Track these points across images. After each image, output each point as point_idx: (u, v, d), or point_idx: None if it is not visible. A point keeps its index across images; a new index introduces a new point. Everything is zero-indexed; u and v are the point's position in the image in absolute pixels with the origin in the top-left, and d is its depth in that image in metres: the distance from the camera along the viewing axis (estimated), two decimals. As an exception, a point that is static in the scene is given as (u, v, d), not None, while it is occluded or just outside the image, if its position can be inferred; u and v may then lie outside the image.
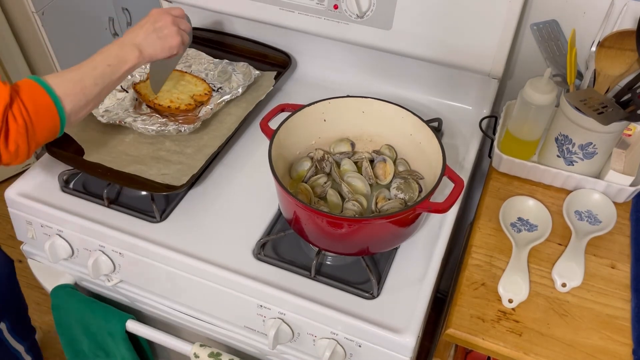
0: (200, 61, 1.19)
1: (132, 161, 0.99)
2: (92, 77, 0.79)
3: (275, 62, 1.22)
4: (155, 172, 0.96)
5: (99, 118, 1.04)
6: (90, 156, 1.00)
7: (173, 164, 0.98)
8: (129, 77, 1.13)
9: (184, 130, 1.01)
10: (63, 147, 1.01)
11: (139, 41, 0.87)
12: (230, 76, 1.15)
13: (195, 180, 1.01)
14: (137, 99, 1.10)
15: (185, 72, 1.14)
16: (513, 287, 0.86)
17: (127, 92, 1.10)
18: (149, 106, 1.07)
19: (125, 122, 1.03)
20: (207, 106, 1.07)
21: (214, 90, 1.13)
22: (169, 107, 1.06)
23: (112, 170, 0.96)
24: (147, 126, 1.02)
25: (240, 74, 1.15)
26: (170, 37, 0.90)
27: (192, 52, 1.21)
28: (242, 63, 1.17)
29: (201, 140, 1.03)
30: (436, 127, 1.10)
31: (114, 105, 1.08)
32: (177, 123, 1.04)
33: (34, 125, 0.71)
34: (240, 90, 1.10)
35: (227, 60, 1.19)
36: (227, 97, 1.09)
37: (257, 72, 1.15)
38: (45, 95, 0.73)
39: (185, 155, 1.00)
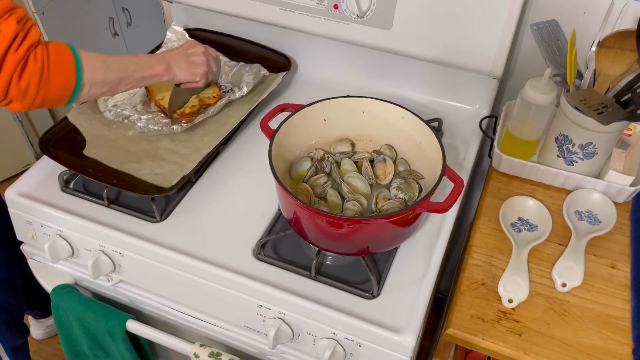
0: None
1: (129, 159, 0.99)
2: (116, 64, 0.85)
3: (275, 65, 1.21)
4: (149, 172, 0.96)
5: (106, 113, 1.05)
6: (90, 151, 1.00)
7: (167, 164, 0.98)
8: None
9: (176, 128, 1.02)
10: (60, 148, 1.01)
11: (169, 58, 0.94)
12: (242, 77, 1.16)
13: (195, 179, 1.01)
14: (147, 96, 1.10)
15: None
16: (513, 287, 0.86)
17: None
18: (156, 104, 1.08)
19: (129, 120, 1.04)
20: (213, 107, 1.07)
21: (224, 92, 1.13)
22: (174, 113, 1.06)
23: (107, 173, 0.96)
24: (149, 125, 1.02)
25: (252, 74, 1.15)
26: (198, 65, 0.98)
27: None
28: (255, 65, 1.17)
29: (201, 142, 1.03)
30: (436, 127, 1.10)
31: (124, 99, 1.09)
32: (179, 123, 1.04)
33: (50, 73, 0.75)
34: (246, 89, 1.10)
35: (242, 63, 1.19)
36: (232, 98, 1.09)
37: (265, 71, 1.15)
38: (70, 55, 0.78)
39: (181, 156, 1.00)
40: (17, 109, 0.76)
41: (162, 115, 1.06)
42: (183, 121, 1.05)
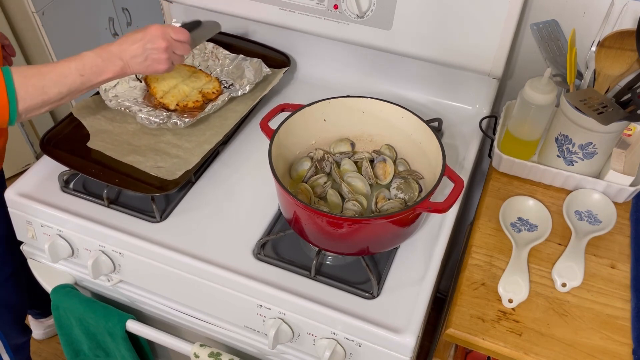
0: (217, 56, 1.20)
1: (132, 151, 1.00)
2: (58, 86, 0.80)
3: (274, 63, 1.21)
4: (152, 164, 0.97)
5: (107, 102, 1.05)
6: (94, 143, 1.01)
7: (170, 158, 0.99)
8: None
9: (180, 124, 1.02)
10: (61, 148, 1.01)
11: (126, 57, 0.87)
12: (242, 72, 1.15)
13: (195, 179, 1.01)
14: (147, 90, 1.11)
15: (200, 69, 1.15)
16: (513, 287, 0.86)
17: (140, 81, 1.12)
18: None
19: (130, 110, 1.04)
20: (214, 102, 1.07)
21: (225, 87, 1.13)
22: (177, 105, 1.06)
23: (108, 173, 0.96)
24: (150, 117, 1.03)
25: (252, 70, 1.15)
26: (158, 62, 0.90)
27: (210, 46, 1.21)
28: (255, 59, 1.17)
29: (203, 136, 1.03)
30: (436, 127, 1.10)
31: (125, 91, 1.09)
32: (180, 117, 1.04)
33: None
34: (248, 87, 1.10)
35: (242, 56, 1.18)
36: (234, 95, 1.09)
37: (268, 69, 1.15)
38: (4, 94, 0.75)
39: (183, 150, 1.00)
40: None
41: (163, 109, 1.07)
42: (185, 115, 1.05)
